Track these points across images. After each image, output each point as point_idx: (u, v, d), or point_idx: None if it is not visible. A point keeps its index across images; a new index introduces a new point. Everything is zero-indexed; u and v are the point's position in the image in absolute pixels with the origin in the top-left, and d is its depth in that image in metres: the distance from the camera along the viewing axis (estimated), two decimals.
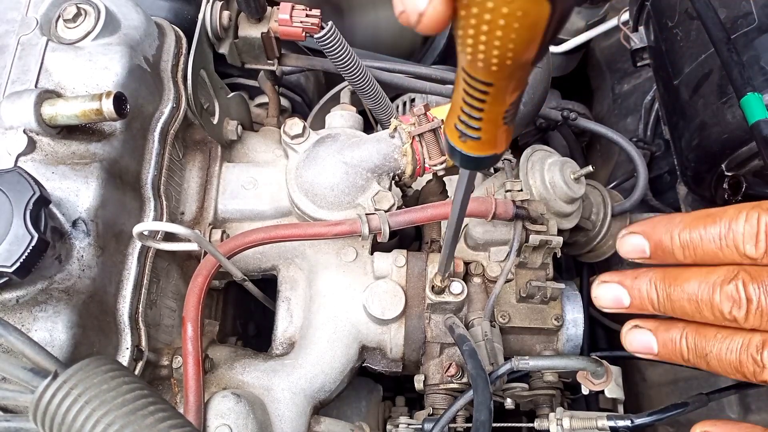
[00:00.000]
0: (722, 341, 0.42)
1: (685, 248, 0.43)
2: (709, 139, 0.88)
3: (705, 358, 0.43)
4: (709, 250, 0.42)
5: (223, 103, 0.89)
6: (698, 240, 0.42)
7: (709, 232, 0.41)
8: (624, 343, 0.48)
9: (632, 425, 0.69)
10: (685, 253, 0.43)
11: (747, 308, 0.40)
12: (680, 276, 0.43)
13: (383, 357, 0.84)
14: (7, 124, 0.65)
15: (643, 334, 0.47)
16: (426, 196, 0.94)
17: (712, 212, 0.42)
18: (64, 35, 0.72)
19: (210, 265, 0.73)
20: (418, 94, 1.14)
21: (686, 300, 0.42)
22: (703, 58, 0.91)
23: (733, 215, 0.40)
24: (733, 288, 0.40)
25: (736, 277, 0.40)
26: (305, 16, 0.85)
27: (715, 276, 0.41)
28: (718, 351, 0.42)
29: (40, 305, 0.60)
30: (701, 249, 0.42)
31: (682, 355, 0.45)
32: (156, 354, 0.75)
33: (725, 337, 0.42)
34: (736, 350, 0.41)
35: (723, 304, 0.40)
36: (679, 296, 0.43)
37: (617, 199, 1.03)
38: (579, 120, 1.11)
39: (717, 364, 0.43)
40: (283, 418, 0.75)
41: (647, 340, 0.47)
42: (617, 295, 0.46)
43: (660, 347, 0.46)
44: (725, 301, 0.40)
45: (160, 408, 0.48)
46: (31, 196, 0.57)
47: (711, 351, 0.43)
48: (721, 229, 0.41)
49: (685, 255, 0.43)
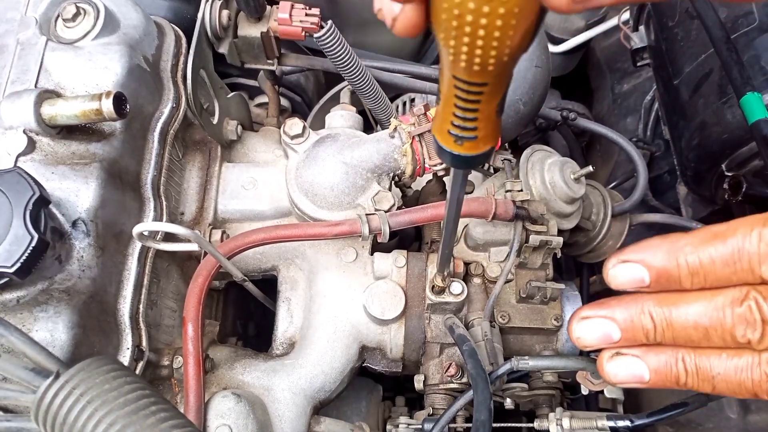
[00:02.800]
0: (729, 361, 0.38)
1: (695, 274, 0.38)
2: (709, 139, 0.88)
3: (710, 381, 0.39)
4: (721, 275, 0.37)
5: (222, 103, 0.89)
6: (710, 264, 0.37)
7: (720, 254, 0.37)
8: (606, 374, 0.42)
9: (632, 425, 0.69)
10: (693, 280, 0.38)
11: (763, 330, 0.36)
12: (681, 300, 0.39)
13: (383, 357, 0.84)
14: (7, 124, 0.65)
15: (630, 363, 0.41)
16: (426, 196, 0.94)
17: (719, 231, 0.38)
18: (63, 35, 0.72)
19: (210, 265, 0.72)
20: (417, 94, 1.14)
21: (692, 326, 0.38)
22: (703, 58, 0.91)
23: (745, 233, 0.37)
24: (747, 310, 0.37)
25: (747, 298, 0.37)
26: (305, 15, 0.85)
27: (722, 298, 0.37)
28: (726, 372, 0.38)
29: (41, 305, 0.60)
30: (713, 274, 0.38)
31: (678, 380, 0.40)
32: (156, 354, 0.75)
33: (732, 357, 0.38)
34: (748, 369, 0.38)
35: (736, 327, 0.37)
36: (683, 323, 0.39)
37: (617, 199, 1.03)
38: (579, 120, 1.11)
39: (725, 386, 0.39)
40: (283, 418, 0.75)
41: (636, 369, 0.41)
42: (605, 332, 0.41)
43: (652, 374, 0.41)
44: (738, 323, 0.37)
45: (161, 408, 0.48)
46: (31, 196, 0.57)
47: (719, 373, 0.39)
48: (733, 249, 0.37)
49: (694, 282, 0.38)
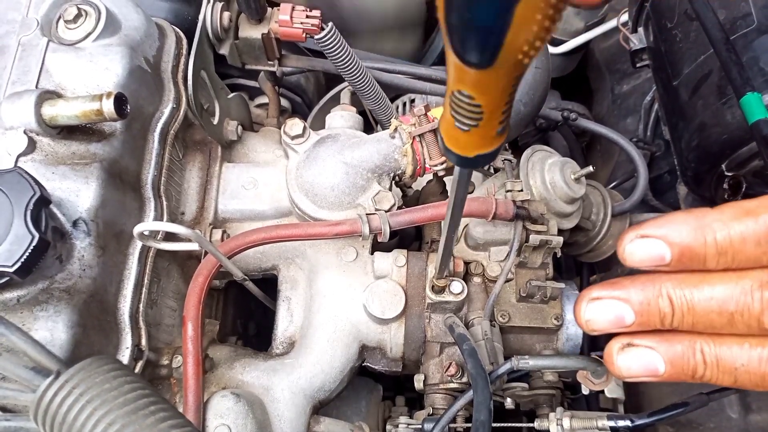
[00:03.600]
0: (753, 351, 0.35)
1: (722, 254, 0.35)
2: (709, 140, 0.88)
3: (733, 373, 0.36)
4: (752, 255, 0.34)
5: (223, 104, 0.89)
6: (740, 242, 0.34)
7: (752, 231, 0.34)
8: (617, 368, 0.39)
9: (632, 425, 0.69)
10: (720, 260, 0.35)
11: None
12: (704, 282, 0.36)
13: (383, 356, 0.84)
14: (8, 124, 0.66)
15: (644, 354, 0.38)
16: (426, 196, 0.94)
17: (750, 207, 0.34)
18: (64, 36, 0.72)
19: (210, 264, 0.73)
20: (418, 94, 1.14)
21: (716, 311, 0.35)
22: (702, 59, 0.91)
23: None
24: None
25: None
26: (305, 17, 0.85)
27: (749, 280, 0.34)
28: (749, 362, 0.35)
29: (41, 305, 0.61)
30: (743, 253, 0.34)
31: (696, 372, 0.37)
32: (156, 353, 0.75)
33: (755, 346, 0.35)
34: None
35: (764, 312, 0.34)
36: (706, 307, 0.35)
37: (617, 199, 1.03)
38: (579, 120, 1.11)
39: (748, 378, 0.36)
40: (282, 417, 0.75)
41: (651, 361, 0.38)
42: (618, 313, 0.37)
43: (668, 366, 0.37)
44: (767, 309, 0.34)
45: (161, 408, 0.48)
46: (32, 196, 0.57)
47: (742, 364, 0.36)
48: (767, 227, 0.34)
49: (720, 262, 0.35)
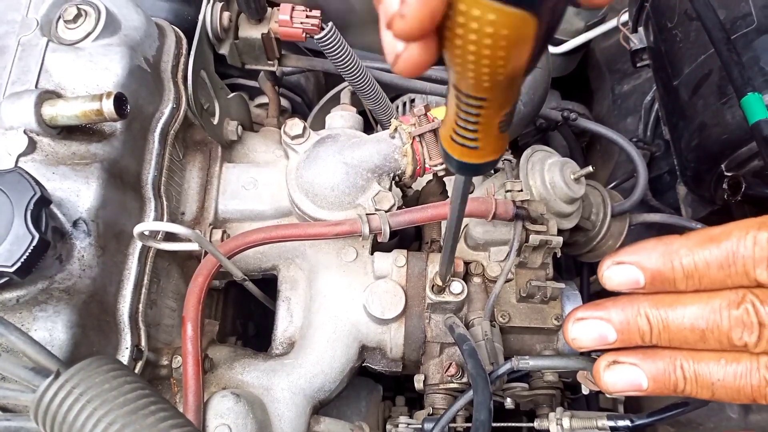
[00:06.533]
0: (728, 367, 0.38)
1: (689, 277, 0.38)
2: (708, 140, 0.88)
3: (710, 388, 0.39)
4: (716, 278, 0.38)
5: (223, 104, 0.89)
6: (704, 267, 0.38)
7: (714, 257, 0.37)
8: (603, 384, 0.42)
9: (632, 425, 0.69)
10: (688, 283, 0.38)
11: (759, 333, 0.36)
12: (677, 302, 0.39)
13: (383, 357, 0.84)
14: (8, 124, 0.66)
15: (627, 371, 0.41)
16: (426, 197, 0.94)
17: (714, 234, 0.38)
18: (64, 36, 0.72)
19: (210, 265, 0.73)
20: (418, 94, 1.14)
21: (688, 329, 0.38)
22: (702, 59, 0.91)
23: (740, 236, 0.37)
24: (744, 312, 0.37)
25: (743, 301, 0.37)
26: (305, 17, 0.85)
27: (719, 300, 0.38)
28: (725, 378, 0.38)
29: (41, 305, 0.60)
30: (708, 276, 0.38)
31: (677, 387, 0.40)
32: (156, 354, 0.75)
33: (730, 362, 0.38)
34: (747, 374, 0.38)
35: (733, 330, 0.37)
36: (680, 325, 0.39)
37: (617, 199, 1.03)
38: (579, 120, 1.11)
39: (724, 392, 0.39)
40: (282, 417, 0.75)
41: (635, 377, 0.41)
42: (601, 333, 0.41)
43: (650, 382, 0.41)
44: (735, 326, 0.37)
45: (161, 408, 0.48)
46: (32, 196, 0.57)
47: (718, 379, 0.38)
48: (728, 253, 0.37)
49: (688, 284, 0.38)
